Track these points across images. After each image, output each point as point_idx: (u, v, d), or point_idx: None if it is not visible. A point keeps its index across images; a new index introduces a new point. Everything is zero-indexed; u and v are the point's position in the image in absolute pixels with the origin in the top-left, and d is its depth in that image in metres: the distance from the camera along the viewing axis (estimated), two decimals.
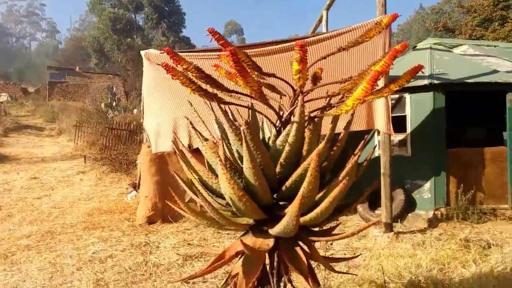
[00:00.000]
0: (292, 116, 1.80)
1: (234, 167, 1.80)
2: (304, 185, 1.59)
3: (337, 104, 1.76)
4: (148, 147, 6.20)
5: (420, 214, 5.81)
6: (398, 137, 6.07)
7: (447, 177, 5.92)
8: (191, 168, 1.95)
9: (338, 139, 1.93)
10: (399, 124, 5.91)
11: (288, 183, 1.72)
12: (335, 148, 1.93)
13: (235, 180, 1.62)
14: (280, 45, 5.25)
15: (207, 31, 1.73)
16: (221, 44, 1.72)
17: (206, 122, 2.08)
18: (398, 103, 6.17)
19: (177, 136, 5.75)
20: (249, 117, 2.02)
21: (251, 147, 1.61)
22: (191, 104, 2.18)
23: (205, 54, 5.50)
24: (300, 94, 1.73)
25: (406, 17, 46.69)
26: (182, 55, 1.70)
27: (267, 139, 1.98)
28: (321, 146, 1.74)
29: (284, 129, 1.79)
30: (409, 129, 6.10)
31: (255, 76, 1.80)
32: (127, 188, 8.45)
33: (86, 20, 75.69)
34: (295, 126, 1.69)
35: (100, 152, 12.42)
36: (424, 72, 6.00)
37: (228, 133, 1.84)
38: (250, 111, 2.03)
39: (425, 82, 5.90)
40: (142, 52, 6.09)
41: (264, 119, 2.05)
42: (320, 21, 8.81)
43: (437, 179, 5.92)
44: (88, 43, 43.13)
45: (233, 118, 1.91)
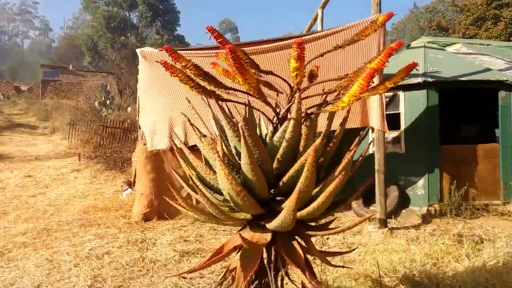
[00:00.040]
0: (289, 113, 1.83)
1: (232, 163, 1.82)
2: (301, 180, 1.62)
3: (333, 101, 1.79)
4: (144, 144, 6.21)
5: (414, 210, 5.87)
6: (392, 134, 6.13)
7: (440, 174, 6.00)
8: (189, 165, 1.97)
9: (334, 136, 1.96)
10: (393, 121, 5.97)
11: (285, 179, 1.75)
12: (331, 145, 1.96)
13: (233, 175, 1.64)
14: (275, 43, 5.28)
15: (206, 29, 1.75)
16: (220, 42, 1.74)
17: (203, 119, 2.11)
18: (392, 101, 6.23)
19: (175, 133, 5.76)
20: (246, 114, 2.04)
21: (249, 143, 1.63)
22: (189, 101, 2.21)
23: (201, 52, 5.53)
24: (297, 91, 1.76)
25: (400, 16, 46.82)
26: (179, 53, 1.72)
27: (264, 136, 2.01)
28: (317, 142, 1.77)
29: (281, 125, 1.81)
30: (403, 127, 6.16)
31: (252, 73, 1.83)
32: (122, 186, 8.44)
33: (79, 18, 75.19)
34: (292, 123, 1.71)
35: (94, 150, 12.38)
36: (418, 70, 6.06)
37: (226, 129, 1.86)
38: (247, 108, 2.05)
39: (419, 80, 5.96)
40: (138, 50, 6.10)
41: (261, 115, 2.07)
42: (315, 19, 8.84)
43: (431, 175, 5.99)
44: (82, 41, 42.81)
45: (230, 115, 1.93)
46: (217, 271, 3.70)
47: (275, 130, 1.88)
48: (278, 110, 1.91)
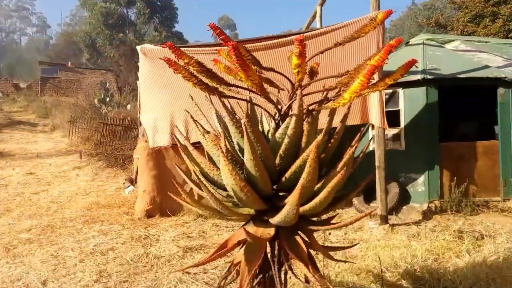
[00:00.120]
0: (291, 109, 1.85)
1: (235, 159, 1.84)
2: (304, 175, 1.63)
3: (334, 97, 1.81)
4: (145, 141, 6.24)
5: (414, 206, 5.91)
6: (392, 131, 6.16)
7: (440, 171, 6.03)
8: (193, 161, 2.00)
9: (335, 132, 1.98)
10: (393, 118, 5.99)
11: (287, 175, 1.77)
12: (332, 141, 1.98)
13: (236, 171, 1.66)
14: (275, 40, 5.31)
15: (208, 26, 1.77)
16: (222, 39, 1.76)
17: (206, 115, 2.13)
18: (392, 98, 6.26)
19: (178, 129, 5.79)
20: (247, 110, 2.07)
21: (252, 139, 1.65)
22: (192, 98, 2.23)
23: (201, 49, 5.55)
24: (299, 88, 1.79)
25: (398, 13, 46.71)
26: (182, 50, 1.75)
27: (266, 132, 2.03)
28: (319, 138, 1.79)
29: (283, 122, 1.83)
30: (402, 123, 6.19)
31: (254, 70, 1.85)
32: (124, 183, 8.47)
33: (77, 15, 74.87)
34: (294, 119, 1.73)
35: (95, 147, 12.41)
36: (417, 67, 6.08)
37: (229, 126, 1.87)
38: (248, 104, 2.08)
39: (418, 77, 5.98)
40: (138, 47, 6.10)
41: (262, 112, 2.09)
42: (314, 16, 8.86)
43: (431, 172, 6.02)
44: (80, 38, 42.67)
45: (232, 112, 1.96)
46: (220, 266, 3.73)
47: (277, 126, 1.90)
48: (279, 106, 1.94)
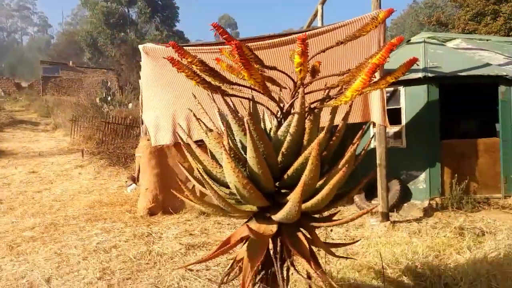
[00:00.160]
0: (293, 107, 1.87)
1: (238, 157, 1.85)
2: (306, 173, 1.66)
3: (336, 95, 1.83)
4: (148, 140, 6.26)
5: (415, 203, 5.93)
6: (393, 129, 6.17)
7: (441, 168, 6.04)
8: (196, 159, 2.02)
9: (337, 130, 2.00)
10: (394, 116, 6.00)
11: (289, 172, 1.79)
12: (334, 139, 2.00)
13: (239, 169, 1.69)
14: (277, 39, 5.33)
15: (211, 25, 1.79)
16: (225, 38, 1.78)
17: (208, 114, 2.15)
18: (393, 96, 6.27)
19: (181, 127, 5.82)
20: (250, 109, 2.09)
21: (254, 137, 1.67)
22: (195, 96, 2.25)
23: (203, 48, 5.57)
24: (301, 86, 1.81)
25: (399, 11, 46.59)
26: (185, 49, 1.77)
27: (268, 130, 2.05)
28: (321, 135, 1.82)
29: (285, 120, 1.85)
30: (404, 121, 6.21)
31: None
32: (126, 181, 8.50)
33: (78, 14, 74.82)
34: (296, 117, 1.75)
35: (97, 146, 12.44)
36: (418, 65, 6.10)
37: (231, 124, 1.89)
38: (251, 102, 2.10)
39: (419, 75, 5.99)
40: (140, 46, 6.13)
41: (264, 110, 2.11)
42: (315, 15, 8.87)
43: (432, 170, 6.04)
44: (81, 37, 42.71)
45: (235, 110, 1.98)
46: (222, 263, 3.76)
47: (279, 124, 1.92)
48: (282, 105, 1.95)
